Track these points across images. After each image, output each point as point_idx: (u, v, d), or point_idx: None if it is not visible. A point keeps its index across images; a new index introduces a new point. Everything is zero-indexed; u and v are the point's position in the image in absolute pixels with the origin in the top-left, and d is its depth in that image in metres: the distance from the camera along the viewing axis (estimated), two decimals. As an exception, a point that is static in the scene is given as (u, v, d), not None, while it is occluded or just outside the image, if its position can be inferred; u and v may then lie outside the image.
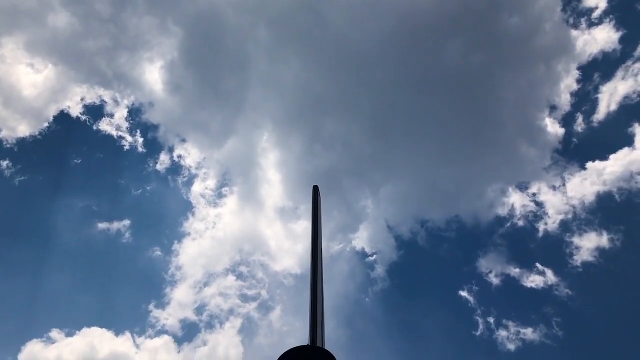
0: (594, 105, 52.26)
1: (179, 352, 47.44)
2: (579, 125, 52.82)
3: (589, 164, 50.48)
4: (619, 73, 51.55)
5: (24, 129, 50.85)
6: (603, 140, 51.25)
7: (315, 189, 10.64)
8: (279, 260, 53.84)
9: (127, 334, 46.66)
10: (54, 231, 51.55)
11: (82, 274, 51.91)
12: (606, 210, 48.18)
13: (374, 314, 48.96)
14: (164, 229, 57.10)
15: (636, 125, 49.49)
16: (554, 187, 51.24)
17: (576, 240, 47.10)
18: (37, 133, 51.26)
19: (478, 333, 45.09)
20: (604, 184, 48.27)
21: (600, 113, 51.62)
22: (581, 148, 52.17)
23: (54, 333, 43.86)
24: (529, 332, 43.34)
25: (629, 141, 50.54)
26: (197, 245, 53.75)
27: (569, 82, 53.45)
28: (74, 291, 51.17)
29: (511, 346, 43.57)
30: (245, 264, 51.52)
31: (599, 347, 44.34)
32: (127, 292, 52.42)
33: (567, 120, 53.26)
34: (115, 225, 50.89)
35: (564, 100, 53.24)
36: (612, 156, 49.62)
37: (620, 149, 49.02)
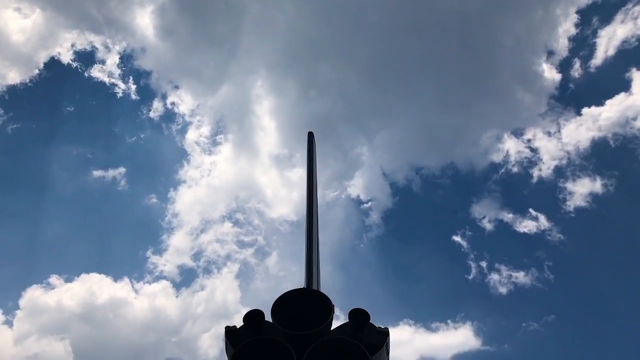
0: (591, 50, 51.55)
1: (177, 296, 48.60)
2: (576, 70, 52.29)
3: (585, 110, 50.31)
4: (619, 16, 50.56)
5: (14, 76, 49.93)
6: (600, 86, 50.87)
7: (311, 135, 10.56)
8: (274, 208, 54.38)
9: (126, 280, 47.64)
10: (49, 179, 51.63)
11: (79, 222, 52.40)
12: (600, 156, 48.47)
13: (369, 259, 50.01)
14: (159, 177, 57.29)
15: (634, 70, 49.04)
16: (549, 134, 51.27)
17: (570, 186, 47.61)
18: (27, 80, 50.37)
19: (471, 277, 46.24)
20: (599, 129, 48.31)
21: (598, 58, 50.99)
22: (578, 94, 51.85)
23: (54, 279, 44.71)
24: (520, 276, 44.50)
25: (625, 86, 50.21)
26: (193, 193, 54.08)
27: (567, 27, 52.47)
28: (72, 238, 51.81)
29: (503, 289, 44.84)
30: (241, 211, 52.04)
31: (590, 291, 45.69)
32: (124, 239, 53.10)
33: (564, 66, 52.68)
34: (111, 173, 50.93)
35: (562, 45, 52.43)
36: (608, 102, 49.42)
37: (617, 94, 48.75)
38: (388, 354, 7.14)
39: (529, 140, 51.27)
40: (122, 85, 53.81)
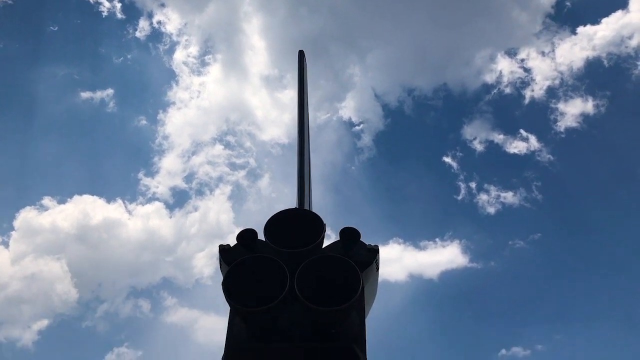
0: (591, -35, 49.43)
1: (171, 217, 49.34)
2: (575, -13, 50.43)
3: (580, 29, 49.26)
4: None
5: (-9, -6, 47.43)
6: (596, 3, 49.40)
7: (301, 55, 10.31)
8: (266, 130, 54.18)
9: (119, 201, 48.15)
10: (36, 101, 50.61)
11: (69, 144, 52.05)
12: (594, 76, 48.06)
13: (360, 181, 50.56)
14: (148, 99, 56.46)
15: (634, -14, 47.32)
16: (543, 53, 50.46)
17: (561, 106, 47.54)
18: (7, -2, 47.91)
19: (460, 197, 47.09)
20: (593, 49, 47.54)
21: (598, -27, 49.00)
22: (574, 12, 50.54)
23: (46, 201, 45.04)
24: (509, 196, 45.43)
25: (622, 4, 48.80)
26: (183, 115, 53.56)
27: (566, -59, 50.04)
28: (63, 160, 51.64)
29: (491, 209, 45.88)
30: (232, 133, 51.82)
31: (576, 210, 46.85)
32: (115, 161, 53.10)
33: (562, -18, 50.71)
34: (99, 94, 50.04)
35: (561, -40, 50.21)
36: (604, 20, 48.33)
37: (614, 12, 47.51)
38: (377, 270, 7.40)
39: (522, 60, 50.57)
40: (106, 4, 51.65)
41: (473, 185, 46.97)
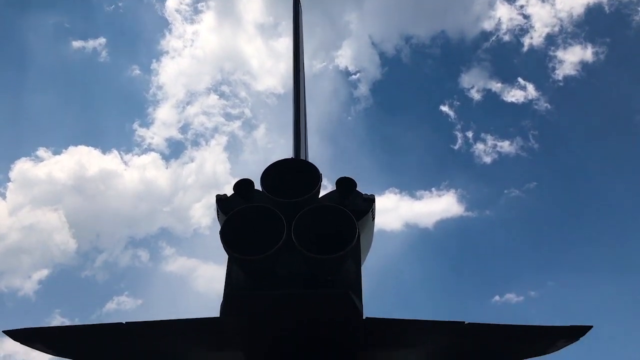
0: None
1: (167, 168, 49.34)
2: None
3: (582, -27, 47.75)
4: None
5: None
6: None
7: (296, 1, 10.10)
8: (261, 80, 53.39)
9: (115, 152, 47.86)
10: (27, 50, 49.37)
11: (62, 94, 51.21)
12: (594, 22, 47.06)
13: (357, 131, 50.31)
14: (141, 48, 55.16)
15: None
16: (543, -1, 49.14)
17: (560, 54, 46.74)
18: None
19: (457, 147, 47.04)
20: (595, -6, 46.29)
21: None
22: (578, -46, 48.88)
23: (41, 152, 44.64)
24: (505, 145, 45.32)
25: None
26: (177, 64, 52.42)
27: None
28: (56, 111, 50.87)
29: (487, 159, 45.90)
30: (227, 83, 51.01)
31: (573, 160, 47.01)
32: (109, 111, 52.42)
33: None
34: (91, 43, 48.72)
35: None
36: (606, -36, 46.79)
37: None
38: (374, 219, 7.51)
39: (521, 7, 49.26)
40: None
41: (470, 134, 46.78)
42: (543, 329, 6.92)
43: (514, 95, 46.57)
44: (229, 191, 7.08)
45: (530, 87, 46.01)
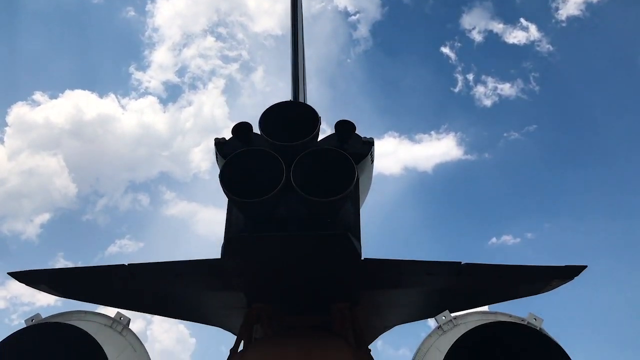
0: None
1: (165, 112, 48.92)
2: None
3: None
4: None
5: None
6: None
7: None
8: (258, 21, 51.92)
9: (112, 96, 47.17)
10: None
11: (56, 37, 49.98)
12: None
13: (356, 74, 49.48)
14: (134, -11, 53.43)
15: None
16: None
17: (564, -7, 45.35)
18: None
19: (457, 90, 46.43)
20: None
21: None
22: None
23: (38, 96, 43.92)
24: (506, 88, 44.60)
25: None
26: (172, 6, 50.84)
27: None
28: (50, 54, 49.82)
29: (487, 102, 45.35)
30: (223, 25, 49.64)
31: (574, 103, 46.51)
32: (104, 54, 51.13)
33: None
34: (83, -15, 47.14)
35: None
36: None
37: None
38: (372, 162, 7.51)
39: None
40: None
41: (470, 77, 45.98)
42: (538, 269, 7.05)
43: (516, 37, 45.45)
44: (227, 135, 7.03)
45: (533, 28, 44.84)
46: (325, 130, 7.23)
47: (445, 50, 46.39)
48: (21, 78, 48.15)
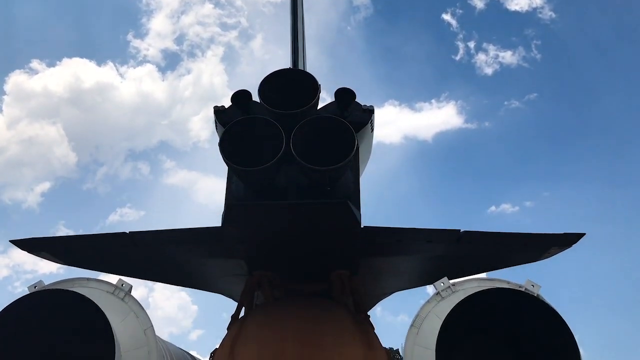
0: None
1: (163, 80, 48.53)
2: None
3: None
4: None
5: None
6: None
7: None
8: (257, -12, 51.06)
9: (110, 64, 46.89)
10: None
11: (53, 4, 49.32)
12: None
13: (356, 41, 48.90)
14: (130, -45, 52.41)
15: None
16: None
17: (569, -41, 44.49)
18: None
19: (458, 58, 45.95)
20: None
21: None
22: None
23: (35, 64, 43.54)
24: (507, 56, 44.23)
25: None
26: (168, -28, 50.03)
27: None
28: (47, 21, 49.19)
29: (488, 70, 44.97)
30: (222, -10, 48.92)
31: (576, 71, 46.02)
32: (102, 22, 50.52)
33: None
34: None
35: None
36: None
37: None
38: (372, 130, 7.47)
39: None
40: None
41: (472, 44, 45.49)
42: (537, 237, 7.10)
43: (518, 4, 44.86)
44: (226, 103, 6.98)
45: (536, -5, 44.15)
46: (325, 98, 7.18)
47: (447, 17, 45.82)
48: (18, 46, 47.65)
